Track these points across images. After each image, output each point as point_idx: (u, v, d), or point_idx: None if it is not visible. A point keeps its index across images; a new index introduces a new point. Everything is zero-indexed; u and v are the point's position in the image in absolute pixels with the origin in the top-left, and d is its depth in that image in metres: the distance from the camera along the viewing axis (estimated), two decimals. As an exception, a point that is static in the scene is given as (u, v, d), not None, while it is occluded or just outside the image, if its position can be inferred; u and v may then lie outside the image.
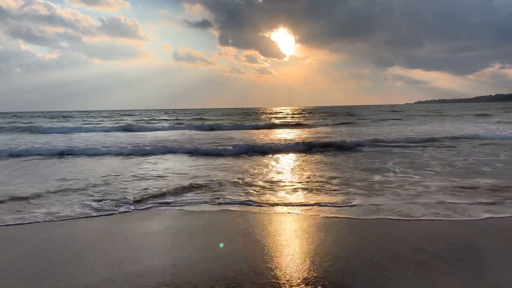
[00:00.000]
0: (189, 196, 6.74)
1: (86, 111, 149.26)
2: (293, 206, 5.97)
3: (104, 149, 14.23)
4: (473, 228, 4.87)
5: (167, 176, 8.64)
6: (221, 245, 4.25)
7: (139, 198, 6.60)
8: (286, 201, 6.27)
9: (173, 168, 9.89)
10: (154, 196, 6.70)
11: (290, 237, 4.60)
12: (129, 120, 43.77)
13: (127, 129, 28.74)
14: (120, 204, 6.22)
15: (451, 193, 6.54)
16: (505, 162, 9.97)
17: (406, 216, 5.31)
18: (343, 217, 5.33)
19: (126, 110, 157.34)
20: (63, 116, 66.50)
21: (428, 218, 5.20)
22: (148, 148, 14.09)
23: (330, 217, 5.32)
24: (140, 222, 5.34)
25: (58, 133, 26.40)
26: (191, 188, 7.33)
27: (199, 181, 7.91)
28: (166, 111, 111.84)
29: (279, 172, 9.11)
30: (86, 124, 37.04)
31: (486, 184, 7.19)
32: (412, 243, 4.29)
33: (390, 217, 5.30)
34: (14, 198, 6.71)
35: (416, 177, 8.06)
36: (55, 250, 4.36)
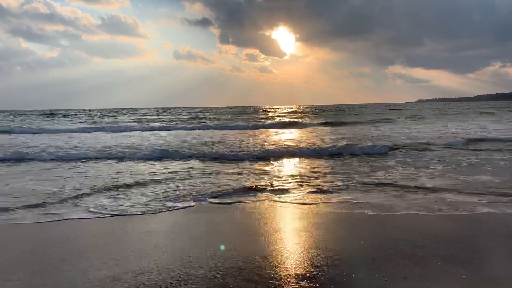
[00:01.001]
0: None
1: (89, 109, 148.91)
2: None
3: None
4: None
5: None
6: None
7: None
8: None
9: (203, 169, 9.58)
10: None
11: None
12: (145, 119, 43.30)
13: (154, 129, 28.23)
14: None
15: None
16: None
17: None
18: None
19: (129, 109, 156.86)
20: (64, 116, 66.12)
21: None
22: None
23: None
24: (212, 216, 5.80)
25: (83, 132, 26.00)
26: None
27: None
28: (168, 109, 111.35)
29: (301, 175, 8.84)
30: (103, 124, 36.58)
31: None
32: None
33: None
34: (77, 196, 7.05)
35: None
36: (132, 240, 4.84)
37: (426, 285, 3.37)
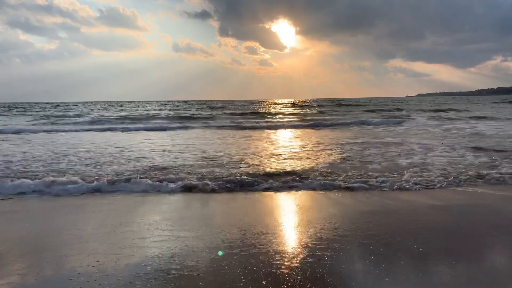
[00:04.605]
0: None
1: (91, 102, 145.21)
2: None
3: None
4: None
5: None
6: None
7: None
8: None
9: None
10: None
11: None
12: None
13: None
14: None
15: None
16: None
17: None
18: None
19: (132, 102, 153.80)
20: (71, 108, 63.10)
21: None
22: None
23: None
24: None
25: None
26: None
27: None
28: (172, 103, 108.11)
29: None
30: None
31: None
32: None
33: None
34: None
35: None
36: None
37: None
